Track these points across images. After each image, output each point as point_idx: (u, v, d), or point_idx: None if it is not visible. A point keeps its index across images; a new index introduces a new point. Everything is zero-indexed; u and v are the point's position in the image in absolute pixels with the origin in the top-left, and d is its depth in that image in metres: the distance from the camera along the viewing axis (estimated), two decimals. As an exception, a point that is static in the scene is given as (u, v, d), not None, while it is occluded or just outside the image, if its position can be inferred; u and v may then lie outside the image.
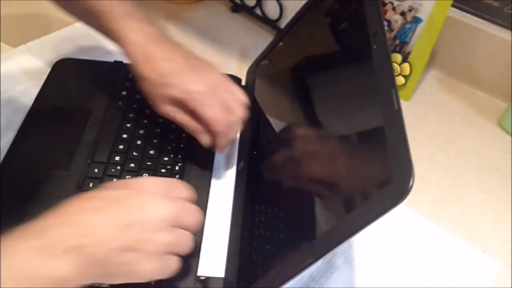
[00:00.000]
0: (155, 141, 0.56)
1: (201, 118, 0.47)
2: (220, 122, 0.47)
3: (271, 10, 0.76)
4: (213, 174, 0.55)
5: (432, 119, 0.68)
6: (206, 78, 0.47)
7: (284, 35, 0.60)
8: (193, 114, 0.47)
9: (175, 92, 0.46)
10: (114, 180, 0.43)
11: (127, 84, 0.62)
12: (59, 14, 0.59)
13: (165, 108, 0.48)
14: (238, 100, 0.48)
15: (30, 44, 0.67)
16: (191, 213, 0.40)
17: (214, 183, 0.54)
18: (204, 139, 0.49)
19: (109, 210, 0.36)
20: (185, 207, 0.39)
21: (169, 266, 0.38)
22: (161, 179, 0.41)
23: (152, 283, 0.44)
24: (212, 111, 0.46)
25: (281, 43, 0.61)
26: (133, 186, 0.39)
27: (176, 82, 0.46)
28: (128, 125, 0.57)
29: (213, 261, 0.47)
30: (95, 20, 0.50)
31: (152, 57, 0.47)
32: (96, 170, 0.52)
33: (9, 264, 0.31)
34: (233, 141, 0.53)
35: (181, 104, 0.47)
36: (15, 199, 0.49)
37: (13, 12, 0.58)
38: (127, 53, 0.48)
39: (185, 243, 0.39)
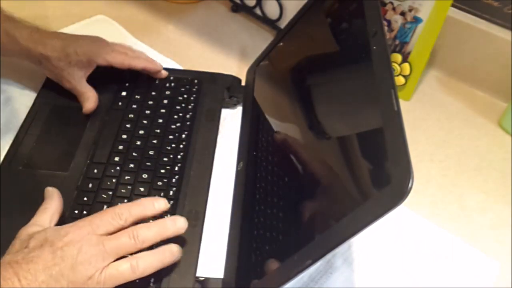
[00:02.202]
0: (155, 141, 0.56)
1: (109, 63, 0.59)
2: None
3: (271, 10, 0.76)
4: (213, 174, 0.55)
5: (432, 119, 0.68)
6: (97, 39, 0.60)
7: (284, 35, 0.60)
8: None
9: (79, 55, 0.57)
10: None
11: (127, 84, 0.62)
12: (59, 14, 0.59)
13: (75, 74, 0.58)
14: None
15: (30, 44, 0.67)
16: (119, 244, 0.41)
17: (213, 183, 0.54)
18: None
19: (37, 271, 0.38)
20: (111, 241, 0.41)
21: None
22: (85, 221, 0.42)
23: (151, 284, 0.44)
24: (115, 54, 0.59)
25: (281, 43, 0.61)
26: (57, 240, 0.40)
27: (71, 50, 0.56)
28: (128, 125, 0.57)
29: (212, 262, 0.48)
30: None
31: (43, 40, 0.56)
32: (95, 171, 0.52)
33: None
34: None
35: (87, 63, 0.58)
36: (15, 199, 0.49)
37: (13, 12, 0.58)
38: (21, 48, 0.56)
39: (119, 279, 0.41)
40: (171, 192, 0.51)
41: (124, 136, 0.56)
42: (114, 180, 0.51)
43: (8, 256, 0.39)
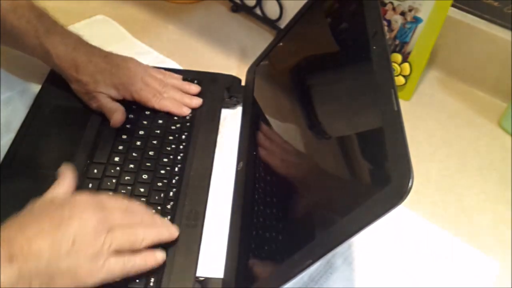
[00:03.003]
0: (155, 142, 0.56)
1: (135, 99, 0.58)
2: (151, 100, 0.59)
3: (271, 10, 0.76)
4: (213, 174, 0.55)
5: (432, 119, 0.68)
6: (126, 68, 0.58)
7: (284, 35, 0.60)
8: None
9: (107, 84, 0.56)
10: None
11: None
12: (59, 14, 0.59)
13: (101, 98, 0.57)
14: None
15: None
16: (122, 214, 0.43)
17: (213, 183, 0.54)
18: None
19: (43, 224, 0.38)
20: (114, 213, 0.42)
21: (117, 266, 0.41)
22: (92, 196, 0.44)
23: (152, 284, 0.44)
24: (144, 93, 0.58)
25: (281, 44, 0.61)
26: (66, 203, 0.41)
27: (100, 78, 0.56)
28: (128, 125, 0.57)
29: (212, 262, 0.48)
30: (17, 41, 0.56)
31: (77, 63, 0.56)
32: (95, 171, 0.52)
33: None
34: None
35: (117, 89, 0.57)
36: (15, 199, 0.49)
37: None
38: (55, 65, 0.56)
39: (124, 242, 0.41)
40: (171, 193, 0.51)
41: (124, 136, 0.56)
42: (114, 181, 0.51)
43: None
